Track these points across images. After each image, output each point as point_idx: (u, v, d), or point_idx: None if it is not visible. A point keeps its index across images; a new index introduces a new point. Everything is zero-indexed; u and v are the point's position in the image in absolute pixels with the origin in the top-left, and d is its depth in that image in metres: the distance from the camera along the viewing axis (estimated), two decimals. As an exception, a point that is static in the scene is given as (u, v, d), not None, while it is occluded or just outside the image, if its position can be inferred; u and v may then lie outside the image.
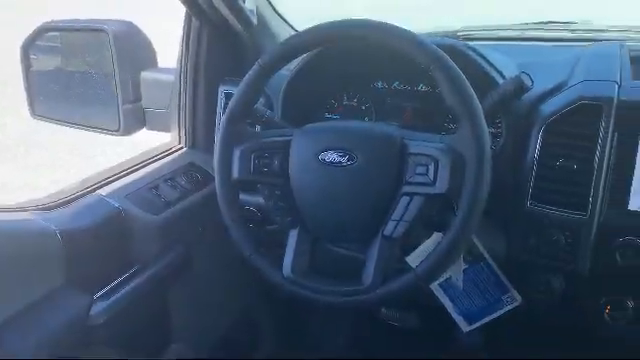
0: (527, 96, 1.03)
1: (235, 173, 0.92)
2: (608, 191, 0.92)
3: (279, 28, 1.27)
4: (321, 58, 1.14)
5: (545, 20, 1.47)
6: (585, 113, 0.93)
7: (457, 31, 1.48)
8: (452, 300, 1.10)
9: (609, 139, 0.91)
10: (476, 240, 1.05)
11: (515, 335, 1.26)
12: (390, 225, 0.84)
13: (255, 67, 0.92)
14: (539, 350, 1.19)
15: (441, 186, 0.80)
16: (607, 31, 1.39)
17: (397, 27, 0.85)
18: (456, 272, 1.05)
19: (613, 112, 0.91)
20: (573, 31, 1.40)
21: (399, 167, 0.83)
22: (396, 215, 0.83)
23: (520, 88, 0.90)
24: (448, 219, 0.81)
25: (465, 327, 1.11)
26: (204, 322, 1.34)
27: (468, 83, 0.81)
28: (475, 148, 0.79)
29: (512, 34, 1.47)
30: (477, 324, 1.10)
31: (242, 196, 1.12)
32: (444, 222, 0.83)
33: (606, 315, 0.94)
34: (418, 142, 0.84)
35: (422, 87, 1.20)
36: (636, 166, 0.91)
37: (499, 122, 1.07)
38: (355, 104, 1.26)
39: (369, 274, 0.84)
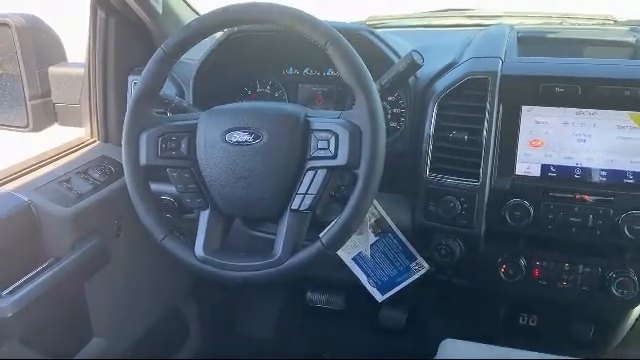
0: (424, 75, 1.10)
1: (143, 159, 0.93)
2: (497, 158, 1.00)
3: (187, 15, 1.28)
4: (230, 45, 1.16)
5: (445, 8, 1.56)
6: (473, 87, 1.00)
7: (365, 21, 1.55)
8: (365, 273, 1.16)
9: (495, 111, 0.99)
10: (384, 214, 1.11)
11: (432, 303, 1.33)
12: (297, 199, 0.87)
13: (157, 52, 0.93)
14: (451, 313, 1.26)
15: (342, 158, 0.84)
16: (502, 17, 1.49)
17: (294, 9, 0.88)
18: (364, 244, 1.10)
19: (497, 85, 0.98)
20: (470, 17, 1.50)
21: (303, 143, 0.87)
22: (302, 189, 0.87)
23: (412, 65, 0.96)
24: None
25: (379, 297, 1.17)
26: (127, 317, 1.33)
27: (361, 60, 0.85)
28: (370, 120, 0.83)
29: (416, 22, 1.56)
30: (390, 293, 1.16)
31: (158, 186, 1.12)
32: None
33: (502, 274, 1.02)
34: (320, 118, 0.88)
35: (330, 72, 1.25)
36: (520, 134, 0.99)
37: (402, 102, 1.13)
38: (268, 91, 1.29)
39: (279, 247, 0.87)
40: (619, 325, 1.06)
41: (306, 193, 0.87)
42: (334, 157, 0.85)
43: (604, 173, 0.96)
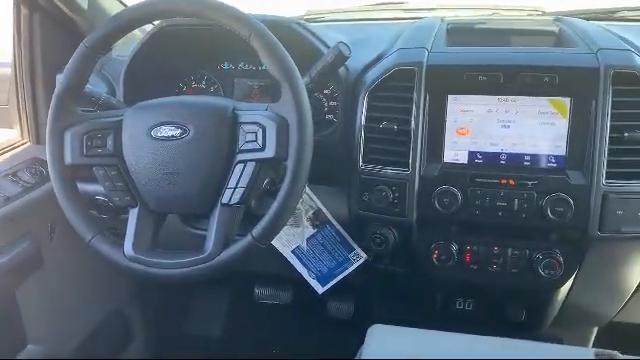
0: (355, 68, 1.11)
1: (68, 158, 0.91)
2: (426, 147, 1.02)
3: (114, 10, 1.25)
4: (162, 39, 1.14)
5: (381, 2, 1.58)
6: (400, 78, 1.02)
7: (302, 16, 1.55)
8: (305, 265, 1.16)
9: (422, 100, 1.00)
10: (322, 206, 1.12)
11: (377, 292, 1.34)
12: (227, 193, 0.86)
13: (79, 48, 0.91)
14: (394, 300, 1.28)
15: (269, 151, 0.84)
16: (436, 9, 1.52)
17: (218, 2, 0.87)
18: (302, 237, 1.11)
19: (424, 75, 1.00)
20: (406, 10, 1.52)
21: (231, 137, 0.86)
22: (232, 183, 0.86)
23: (339, 57, 0.97)
24: None
25: (320, 289, 1.17)
26: (66, 322, 1.29)
27: (285, 52, 0.85)
28: (296, 112, 0.83)
29: (353, 16, 1.57)
30: (330, 284, 1.17)
31: (90, 186, 1.10)
32: None
33: (434, 259, 1.04)
34: (247, 111, 0.88)
35: (265, 66, 1.24)
36: (447, 123, 1.02)
37: (337, 95, 1.14)
38: (204, 86, 1.28)
39: (209, 243, 0.86)
40: (549, 306, 1.09)
41: (236, 187, 0.86)
42: (262, 149, 0.85)
43: (528, 158, 1.00)
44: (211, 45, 1.21)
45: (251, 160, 0.86)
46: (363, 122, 1.04)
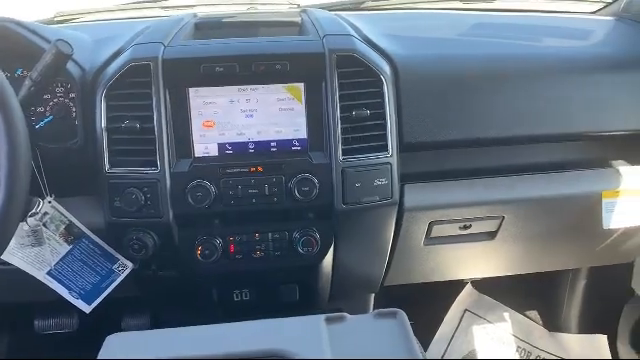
0: (92, 66, 1.05)
1: None
2: (173, 143, 0.99)
3: None
4: None
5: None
6: (136, 74, 0.98)
7: (52, 18, 1.43)
8: (66, 286, 1.07)
9: (162, 96, 0.98)
10: (74, 219, 1.03)
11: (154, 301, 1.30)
12: None
13: None
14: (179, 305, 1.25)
15: None
16: (196, 6, 1.51)
17: None
18: (53, 256, 1.01)
19: (160, 70, 0.98)
20: (165, 8, 1.49)
21: None
22: None
23: (59, 55, 0.90)
24: None
25: (86, 308, 1.09)
26: None
27: None
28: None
29: (111, 15, 1.49)
30: (97, 300, 1.09)
31: None
32: None
33: (198, 256, 1.03)
34: None
35: (21, 72, 1.10)
36: (192, 116, 1.00)
37: (73, 96, 1.05)
38: None
39: None
40: (318, 281, 1.15)
41: None
42: None
43: (274, 144, 1.03)
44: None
45: None
46: (104, 123, 0.98)
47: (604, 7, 1.51)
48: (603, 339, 1.65)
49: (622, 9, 1.41)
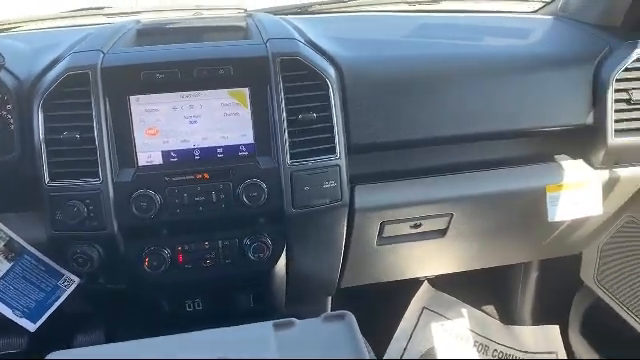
0: (28, 75, 1.01)
1: None
2: (116, 153, 0.97)
3: None
4: None
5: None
6: (74, 84, 0.95)
7: None
8: (9, 305, 1.03)
9: (102, 105, 0.95)
10: (13, 235, 1.00)
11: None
12: None
13: None
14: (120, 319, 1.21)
15: None
16: (141, 12, 1.48)
17: None
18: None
19: (99, 78, 0.95)
20: (107, 15, 1.45)
21: None
22: None
23: (-10, 64, 0.87)
24: None
25: (31, 327, 1.05)
26: None
27: None
28: None
29: (52, 24, 1.45)
30: (43, 318, 1.06)
31: None
32: None
33: (146, 267, 1.00)
34: None
35: None
36: (134, 125, 0.98)
37: (9, 107, 1.02)
38: None
39: None
40: (272, 287, 1.14)
41: None
42: None
43: (220, 150, 1.01)
44: None
45: None
46: (42, 135, 0.95)
47: (543, 6, 1.56)
48: (555, 329, 1.69)
49: (560, 8, 1.46)
